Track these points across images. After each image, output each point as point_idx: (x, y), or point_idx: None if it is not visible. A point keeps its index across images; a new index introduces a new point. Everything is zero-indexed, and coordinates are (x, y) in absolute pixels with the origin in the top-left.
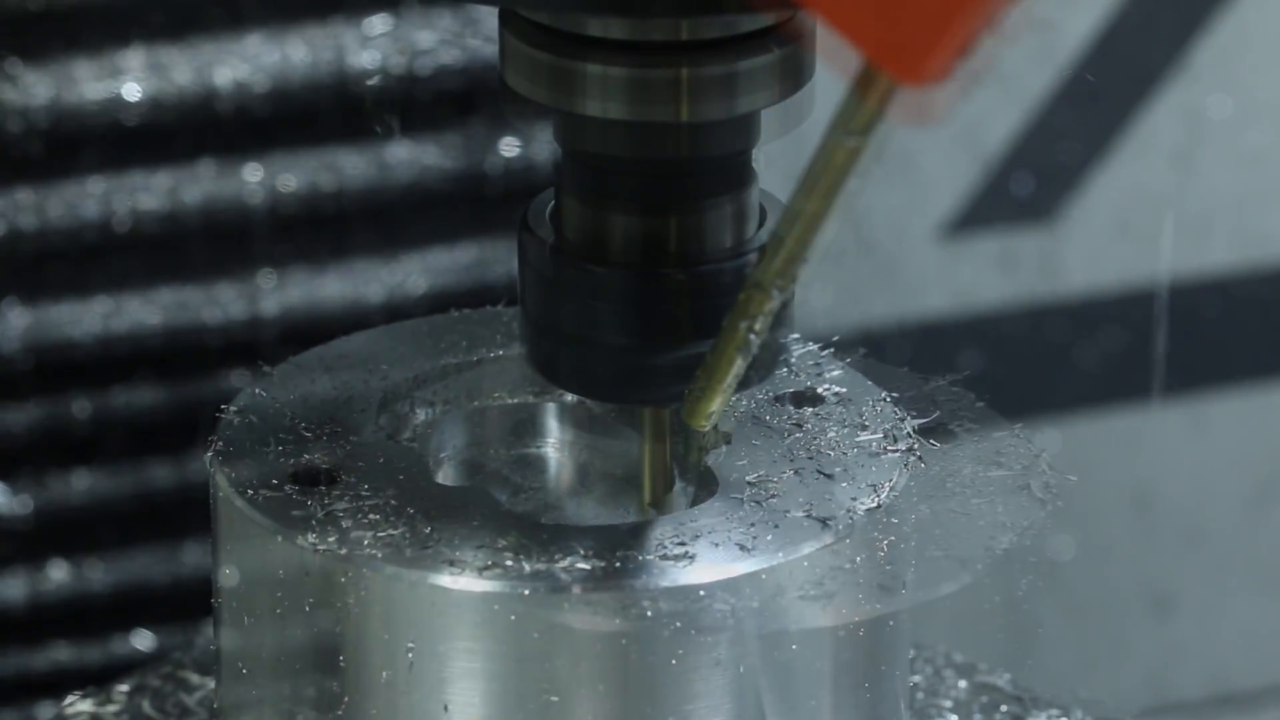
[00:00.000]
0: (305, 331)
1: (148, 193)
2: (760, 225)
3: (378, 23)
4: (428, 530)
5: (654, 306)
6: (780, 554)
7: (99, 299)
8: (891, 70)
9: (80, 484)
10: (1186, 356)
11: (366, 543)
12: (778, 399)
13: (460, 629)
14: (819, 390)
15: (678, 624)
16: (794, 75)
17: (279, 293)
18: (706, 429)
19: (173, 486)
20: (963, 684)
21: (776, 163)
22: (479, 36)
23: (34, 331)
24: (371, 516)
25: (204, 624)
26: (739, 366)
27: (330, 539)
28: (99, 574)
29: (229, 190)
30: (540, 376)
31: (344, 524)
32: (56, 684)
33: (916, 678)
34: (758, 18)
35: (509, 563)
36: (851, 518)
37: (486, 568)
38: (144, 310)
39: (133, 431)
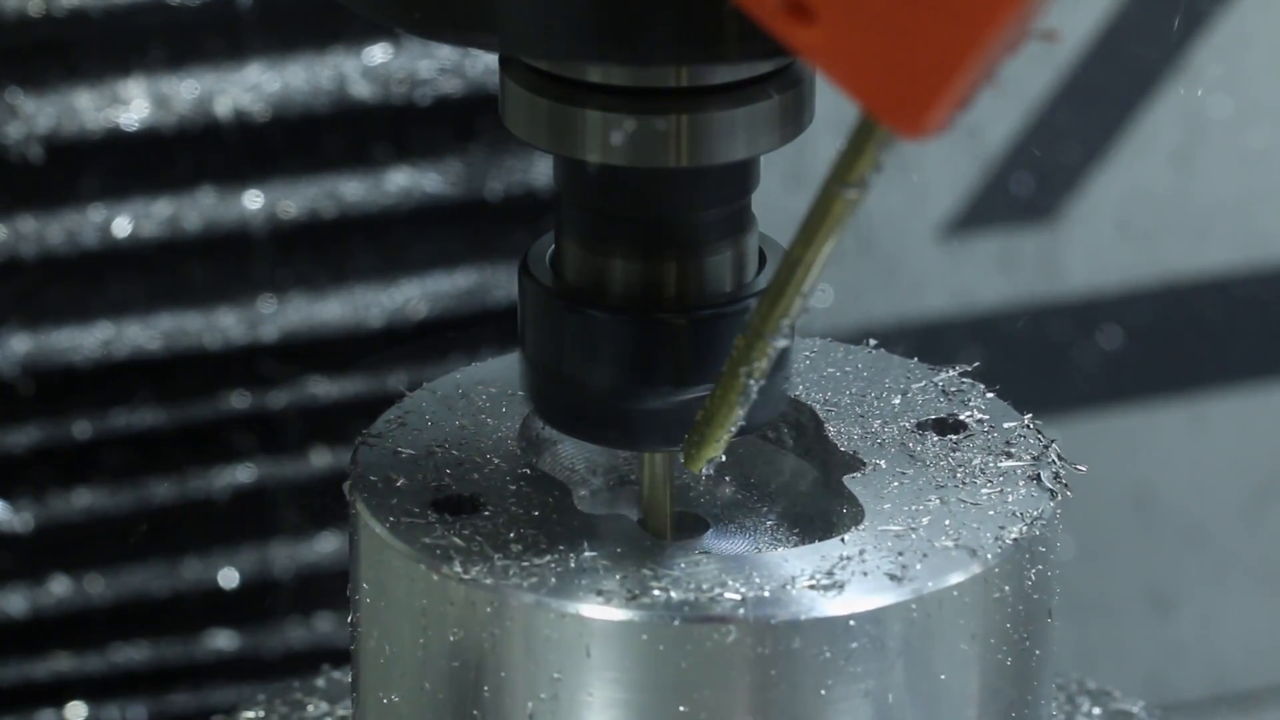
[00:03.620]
0: (305, 355)
1: (148, 219)
2: (760, 269)
3: (378, 51)
4: (573, 559)
5: (653, 351)
6: (930, 584)
7: (100, 323)
8: (891, 122)
9: (80, 500)
10: (1186, 356)
11: (512, 572)
12: (920, 426)
13: (607, 659)
14: (962, 417)
15: (826, 654)
16: (794, 120)
17: (279, 317)
18: (706, 473)
19: (172, 502)
20: (1097, 711)
21: (776, 164)
22: (478, 63)
23: (35, 355)
24: (515, 546)
25: (203, 635)
26: (739, 412)
27: (475, 568)
28: (99, 587)
29: (229, 216)
30: (541, 419)
31: (489, 553)
32: (57, 692)
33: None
34: (757, 65)
35: (656, 592)
36: (1000, 546)
37: (634, 597)
38: (144, 334)
39: (132, 449)
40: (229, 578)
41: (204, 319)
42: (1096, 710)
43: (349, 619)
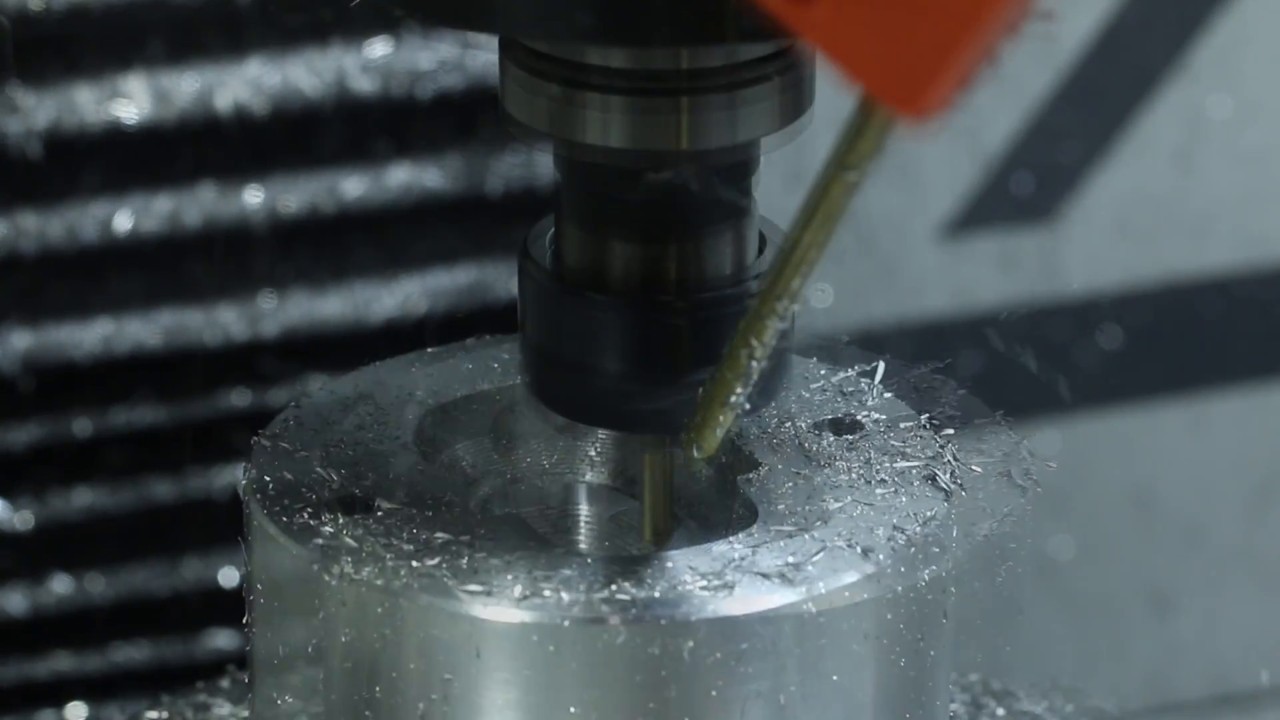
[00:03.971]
0: (306, 352)
1: (148, 214)
2: (760, 254)
3: (378, 46)
4: (465, 560)
5: (654, 336)
6: (821, 584)
7: (100, 319)
8: (891, 103)
9: (81, 499)
10: (1186, 356)
11: (403, 573)
12: (817, 426)
13: (497, 660)
14: (858, 417)
15: (717, 655)
16: (794, 103)
17: (279, 313)
18: (707, 456)
19: (172, 500)
20: (1001, 711)
21: (776, 164)
22: (479, 58)
23: (35, 351)
24: (407, 546)
25: (203, 635)
26: (740, 395)
27: (366, 569)
28: (99, 586)
29: (230, 211)
30: (541, 404)
31: (380, 553)
32: (57, 692)
33: (954, 706)
34: (757, 47)
35: (547, 593)
36: (893, 547)
37: (525, 598)
38: (144, 330)
39: (132, 447)
40: (229, 577)
41: (204, 315)
42: (1001, 711)
43: (244, 620)
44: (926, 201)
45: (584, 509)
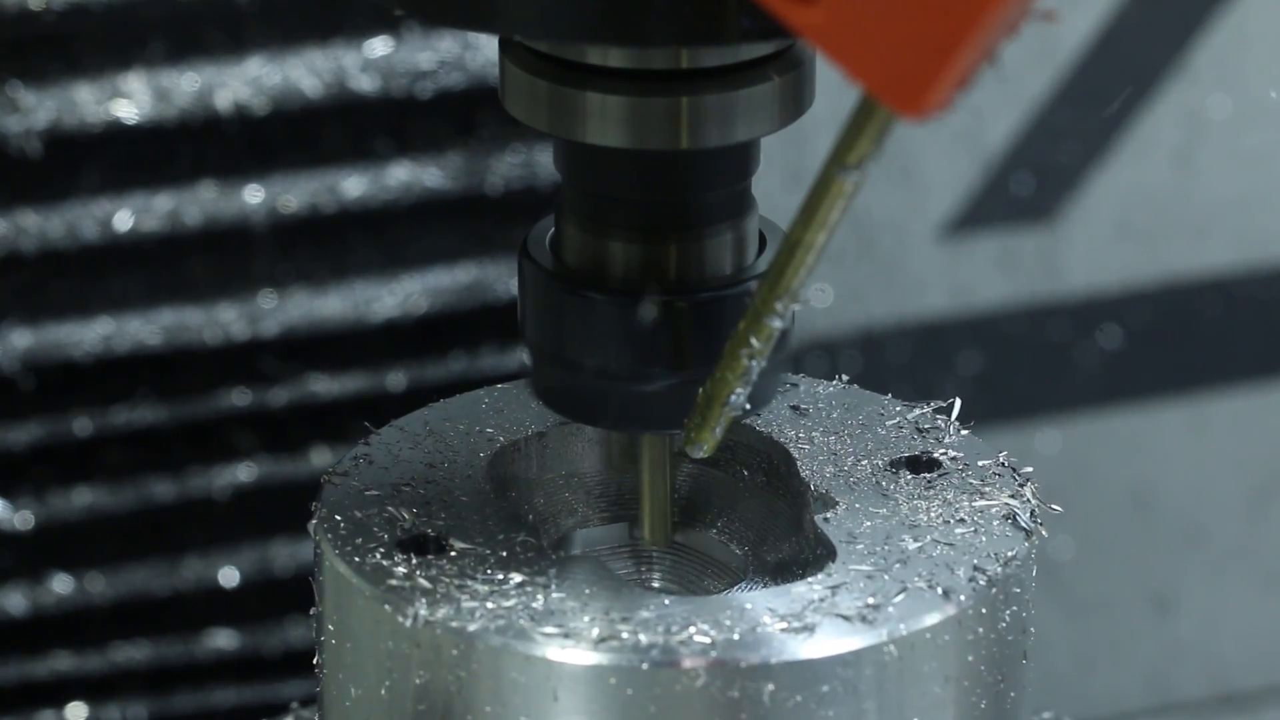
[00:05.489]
0: (306, 351)
1: (149, 213)
2: (760, 252)
3: (378, 44)
4: (540, 601)
5: (653, 334)
6: (903, 625)
7: (100, 319)
8: (891, 102)
9: (81, 499)
10: (1186, 356)
11: (478, 614)
12: (894, 464)
13: (574, 703)
14: (936, 455)
15: (797, 698)
16: (794, 103)
17: (279, 313)
18: (705, 456)
19: (172, 500)
20: None
21: (776, 163)
22: (479, 57)
23: (35, 351)
24: (481, 587)
25: (203, 635)
26: (739, 395)
27: (440, 610)
28: (99, 586)
29: (230, 210)
30: (541, 403)
31: (454, 594)
32: (57, 692)
33: None
34: (757, 47)
35: (624, 635)
36: (974, 587)
37: (602, 640)
38: (144, 330)
39: (132, 447)
40: (229, 577)
41: (204, 314)
42: None
43: (314, 660)
44: (926, 201)
45: (656, 547)
